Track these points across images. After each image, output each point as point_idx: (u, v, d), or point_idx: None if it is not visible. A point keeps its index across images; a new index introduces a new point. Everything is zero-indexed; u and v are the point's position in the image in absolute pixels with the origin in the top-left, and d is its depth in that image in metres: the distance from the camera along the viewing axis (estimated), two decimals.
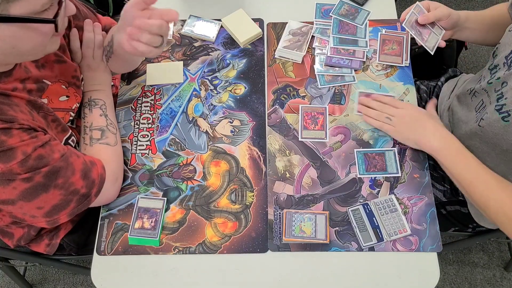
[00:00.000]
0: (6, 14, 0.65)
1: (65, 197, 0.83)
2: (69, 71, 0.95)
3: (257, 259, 0.91)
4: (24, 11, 0.67)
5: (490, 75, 0.96)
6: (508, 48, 0.91)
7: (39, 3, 0.68)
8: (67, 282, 1.65)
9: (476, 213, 1.09)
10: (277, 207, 0.96)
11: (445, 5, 1.05)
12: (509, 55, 0.90)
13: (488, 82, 0.95)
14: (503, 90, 0.90)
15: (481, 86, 0.98)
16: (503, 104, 0.88)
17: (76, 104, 0.97)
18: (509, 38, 0.92)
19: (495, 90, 0.92)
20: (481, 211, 0.89)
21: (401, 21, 1.04)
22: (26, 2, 0.66)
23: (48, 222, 0.85)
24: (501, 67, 0.93)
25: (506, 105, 0.87)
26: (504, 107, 0.88)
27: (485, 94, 0.96)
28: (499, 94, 0.91)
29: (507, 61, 0.91)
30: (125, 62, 1.05)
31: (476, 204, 0.90)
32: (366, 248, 0.91)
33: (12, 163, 0.74)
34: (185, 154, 1.03)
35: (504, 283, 1.60)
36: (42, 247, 1.08)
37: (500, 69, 0.93)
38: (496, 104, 0.90)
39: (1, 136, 0.73)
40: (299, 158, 1.01)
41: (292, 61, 1.15)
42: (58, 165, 0.80)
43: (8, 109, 0.76)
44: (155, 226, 0.93)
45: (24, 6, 0.66)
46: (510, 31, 0.92)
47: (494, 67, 0.96)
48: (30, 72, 0.84)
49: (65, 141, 0.90)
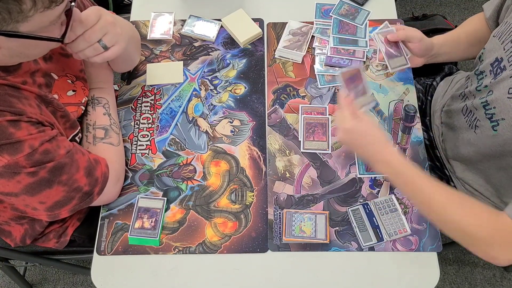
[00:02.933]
0: (15, 31, 0.66)
1: (68, 194, 0.83)
2: (76, 64, 0.96)
3: (257, 259, 0.91)
4: (33, 28, 0.68)
5: (477, 81, 0.97)
6: (493, 54, 0.91)
7: (47, 20, 0.69)
8: (67, 282, 1.65)
9: None
10: (277, 207, 0.96)
11: (445, 5, 1.05)
12: (494, 62, 0.90)
13: (476, 89, 0.96)
14: (487, 99, 0.91)
15: (470, 92, 0.99)
16: (492, 113, 0.89)
17: (85, 98, 0.97)
18: (494, 44, 0.92)
19: (481, 98, 0.93)
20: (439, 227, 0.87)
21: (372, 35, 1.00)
22: (35, 21, 0.67)
23: (49, 216, 0.85)
24: (488, 74, 0.93)
25: (495, 114, 0.88)
26: (494, 116, 0.89)
27: (473, 98, 0.97)
28: (483, 102, 0.92)
29: (493, 69, 0.91)
30: (124, 60, 1.05)
31: (439, 227, 0.87)
32: (366, 248, 0.91)
33: (18, 156, 0.74)
34: (185, 154, 1.03)
35: (504, 283, 1.59)
36: (52, 244, 1.08)
37: (487, 76, 0.93)
38: (485, 111, 0.91)
39: (10, 128, 0.73)
40: (299, 158, 1.01)
41: (292, 61, 1.15)
42: (63, 161, 0.80)
43: (17, 102, 0.76)
44: (155, 226, 0.93)
45: (33, 24, 0.67)
46: (495, 37, 0.92)
47: (480, 73, 0.96)
48: (38, 64, 0.85)
49: (72, 137, 0.90)
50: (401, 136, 1.03)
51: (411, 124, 1.04)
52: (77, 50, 0.82)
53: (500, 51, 0.89)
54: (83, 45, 0.81)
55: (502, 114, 0.86)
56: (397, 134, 1.04)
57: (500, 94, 0.87)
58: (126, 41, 0.88)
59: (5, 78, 0.76)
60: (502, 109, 0.86)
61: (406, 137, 1.03)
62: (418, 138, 1.03)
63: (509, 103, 0.84)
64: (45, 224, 1.03)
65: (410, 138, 1.03)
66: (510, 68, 0.85)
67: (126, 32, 0.89)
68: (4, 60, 0.75)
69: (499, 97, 0.87)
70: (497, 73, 0.89)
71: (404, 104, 1.07)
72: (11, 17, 0.63)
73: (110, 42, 0.83)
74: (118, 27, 0.85)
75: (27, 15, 0.65)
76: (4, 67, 0.76)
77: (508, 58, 0.86)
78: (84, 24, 0.79)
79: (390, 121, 1.05)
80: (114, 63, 1.04)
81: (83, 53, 0.83)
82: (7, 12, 0.63)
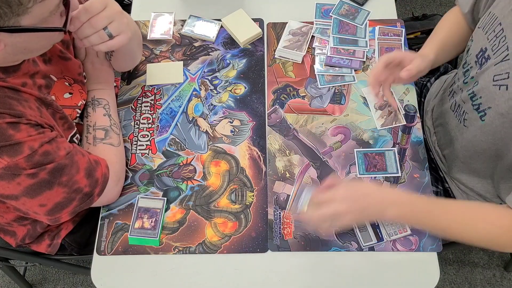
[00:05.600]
0: (17, 26, 0.67)
1: (68, 195, 0.83)
2: (74, 68, 0.96)
3: (257, 259, 0.91)
4: (34, 21, 0.69)
5: (464, 74, 0.97)
6: (478, 45, 0.92)
7: (47, 10, 0.69)
8: (67, 282, 1.65)
9: None
10: (277, 207, 0.96)
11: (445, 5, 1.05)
12: (479, 53, 0.91)
13: (464, 82, 0.96)
14: (474, 89, 0.91)
15: (458, 86, 0.99)
16: (479, 103, 0.89)
17: (82, 101, 0.97)
18: (479, 35, 0.92)
19: (468, 90, 0.94)
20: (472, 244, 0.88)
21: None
22: (35, 13, 0.68)
23: (50, 220, 0.85)
24: (473, 66, 0.94)
25: (482, 104, 0.88)
26: (480, 106, 0.89)
27: (461, 92, 0.97)
28: (470, 93, 0.92)
29: (478, 60, 0.91)
30: (126, 56, 1.05)
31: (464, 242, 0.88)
32: (366, 248, 0.91)
33: (18, 158, 0.74)
34: (185, 154, 1.03)
35: (504, 283, 1.59)
36: (44, 247, 1.08)
37: (473, 68, 0.94)
38: (472, 103, 0.91)
39: (9, 130, 0.73)
40: (299, 158, 1.01)
41: (292, 61, 1.15)
42: (63, 162, 0.80)
43: (17, 104, 0.76)
44: (155, 226, 0.93)
45: (34, 16, 0.68)
46: (479, 28, 0.92)
47: (467, 65, 0.96)
48: (38, 65, 0.85)
49: (70, 138, 0.90)
50: (401, 136, 1.03)
51: (411, 124, 1.04)
52: (83, 36, 0.82)
53: (484, 41, 0.89)
54: (88, 31, 0.82)
55: (489, 103, 0.87)
56: (397, 134, 1.04)
57: (486, 83, 0.87)
58: (132, 32, 0.88)
59: (4, 80, 0.76)
60: (488, 97, 0.87)
61: (406, 137, 1.03)
62: (418, 138, 1.03)
63: (494, 90, 0.85)
64: (45, 225, 1.03)
65: (410, 138, 1.03)
66: (494, 57, 0.86)
67: (132, 23, 0.90)
68: (8, 58, 0.75)
69: (485, 86, 0.88)
70: (482, 63, 0.90)
71: (404, 104, 1.07)
72: (12, 10, 0.64)
73: (115, 31, 0.84)
74: (125, 17, 0.86)
75: (27, 6, 0.65)
76: (4, 68, 0.76)
77: (492, 47, 0.87)
78: (89, 11, 0.80)
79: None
80: (116, 60, 1.04)
81: (88, 40, 0.83)
82: (7, 5, 0.63)
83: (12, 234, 1.05)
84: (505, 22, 0.84)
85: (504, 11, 0.85)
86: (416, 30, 1.60)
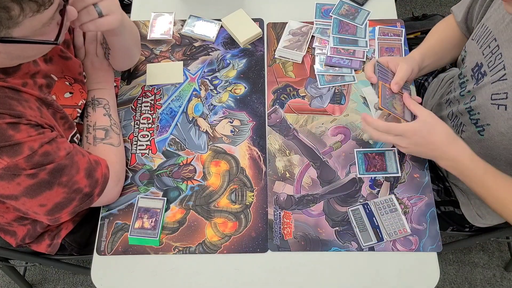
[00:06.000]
0: (8, 36, 0.66)
1: (68, 195, 0.83)
2: (75, 67, 0.96)
3: (257, 259, 0.91)
4: (26, 33, 0.67)
5: (460, 86, 0.97)
6: (473, 58, 0.92)
7: (39, 23, 0.68)
8: (67, 282, 1.65)
9: (470, 215, 1.09)
10: (277, 207, 0.96)
11: (445, 5, 1.05)
12: (475, 67, 0.91)
13: (460, 94, 0.96)
14: (471, 104, 0.91)
15: (455, 97, 0.99)
16: (477, 119, 0.89)
17: (83, 101, 0.97)
18: (473, 48, 0.92)
19: (465, 103, 0.94)
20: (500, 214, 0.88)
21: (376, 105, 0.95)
22: (26, 26, 0.66)
23: (50, 220, 0.85)
24: (469, 79, 0.94)
25: (480, 120, 0.88)
26: (478, 122, 0.89)
27: (458, 104, 0.97)
28: (468, 108, 0.92)
29: (474, 74, 0.91)
30: (124, 54, 1.04)
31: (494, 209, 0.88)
32: (366, 248, 0.91)
33: (18, 158, 0.74)
34: (185, 154, 1.03)
35: (504, 283, 1.59)
36: (44, 247, 1.08)
37: (469, 81, 0.94)
38: (469, 117, 0.91)
39: (9, 130, 0.73)
40: (299, 158, 1.01)
41: (292, 61, 1.15)
42: (63, 162, 0.80)
43: (17, 105, 0.76)
44: (155, 226, 0.93)
45: (25, 29, 0.67)
46: (473, 40, 0.92)
47: (463, 76, 0.96)
48: (38, 65, 0.85)
49: (71, 138, 0.90)
50: None
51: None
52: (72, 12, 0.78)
53: (480, 55, 0.89)
54: (78, 5, 0.79)
55: (487, 120, 0.87)
56: None
57: (483, 100, 0.87)
58: (122, 15, 0.87)
59: (5, 80, 0.76)
60: (486, 115, 0.87)
61: None
62: None
63: (493, 109, 0.85)
64: (45, 225, 1.03)
65: None
66: (491, 74, 0.85)
67: (125, 16, 0.89)
68: (5, 63, 0.75)
69: (483, 103, 0.87)
70: (479, 78, 0.90)
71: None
72: (2, 23, 0.63)
73: (105, 9, 0.81)
74: (117, 2, 0.84)
75: (16, 21, 0.64)
76: (4, 69, 0.76)
77: (488, 63, 0.86)
78: None
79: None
80: (113, 58, 1.03)
81: (77, 19, 0.80)
82: None
83: (12, 234, 1.05)
84: (500, 39, 0.83)
85: (498, 26, 0.84)
86: (416, 30, 1.60)
